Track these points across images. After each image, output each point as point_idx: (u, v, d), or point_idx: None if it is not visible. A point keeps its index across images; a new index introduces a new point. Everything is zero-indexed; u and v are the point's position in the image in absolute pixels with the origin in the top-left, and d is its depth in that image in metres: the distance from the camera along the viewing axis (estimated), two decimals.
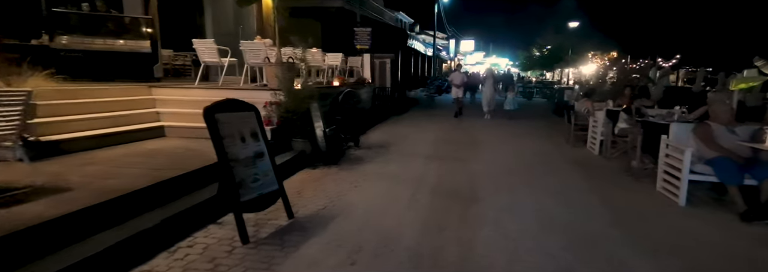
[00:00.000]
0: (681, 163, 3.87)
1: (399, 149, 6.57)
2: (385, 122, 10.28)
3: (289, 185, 4.25)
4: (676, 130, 4.31)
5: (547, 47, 28.87)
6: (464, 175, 4.93)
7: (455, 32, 40.91)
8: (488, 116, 11.07)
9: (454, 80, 11.92)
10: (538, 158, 6.14)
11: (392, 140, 7.43)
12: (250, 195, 2.96)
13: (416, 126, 9.57)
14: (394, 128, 9.24)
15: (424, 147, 6.80)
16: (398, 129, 9.11)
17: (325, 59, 9.03)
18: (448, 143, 7.32)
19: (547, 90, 21.22)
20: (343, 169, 5.08)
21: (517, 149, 6.82)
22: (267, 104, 5.19)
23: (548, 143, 7.49)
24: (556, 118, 11.91)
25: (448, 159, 5.85)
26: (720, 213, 3.62)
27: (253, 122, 3.27)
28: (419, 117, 11.64)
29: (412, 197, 3.98)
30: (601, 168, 5.44)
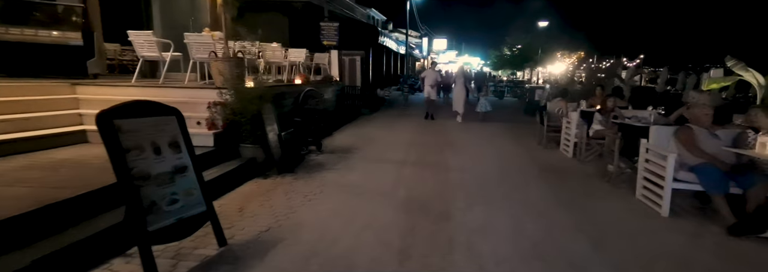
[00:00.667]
0: (663, 170, 3.58)
1: (365, 154, 6.06)
2: (353, 123, 9.74)
3: (230, 200, 3.66)
4: (656, 133, 4.04)
5: (518, 47, 29.20)
6: (433, 185, 4.48)
7: (428, 31, 40.77)
8: (460, 118, 10.14)
9: (427, 78, 10.77)
10: (512, 163, 5.79)
11: (359, 143, 6.91)
12: (165, 221, 2.37)
13: (386, 127, 9.10)
14: (363, 130, 8.72)
15: (393, 151, 6.33)
16: (367, 130, 8.60)
17: (288, 55, 8.39)
18: (418, 146, 6.88)
19: (518, 89, 21.34)
20: (299, 178, 4.52)
21: (490, 153, 6.47)
22: (211, 105, 4.54)
23: (521, 145, 7.20)
24: (528, 118, 11.77)
25: (416, 165, 5.39)
26: (707, 225, 3.34)
27: (174, 129, 2.66)
28: (390, 117, 11.17)
29: (374, 214, 3.48)
30: (577, 174, 5.14)
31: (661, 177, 3.63)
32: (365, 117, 11.07)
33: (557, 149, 6.78)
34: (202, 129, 4.45)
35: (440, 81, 11.44)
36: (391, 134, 8.16)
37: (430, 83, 10.52)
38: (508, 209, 3.70)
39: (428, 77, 10.74)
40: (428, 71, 11.08)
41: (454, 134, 8.33)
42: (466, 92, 10.25)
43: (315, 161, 5.40)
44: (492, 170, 5.27)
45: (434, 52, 42.60)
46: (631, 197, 4.09)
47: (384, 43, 18.91)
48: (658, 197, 3.67)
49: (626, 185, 4.47)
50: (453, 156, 6.08)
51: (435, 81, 10.58)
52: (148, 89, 5.23)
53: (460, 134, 8.35)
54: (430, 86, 10.52)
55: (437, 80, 10.71)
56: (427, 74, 10.96)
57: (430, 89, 10.55)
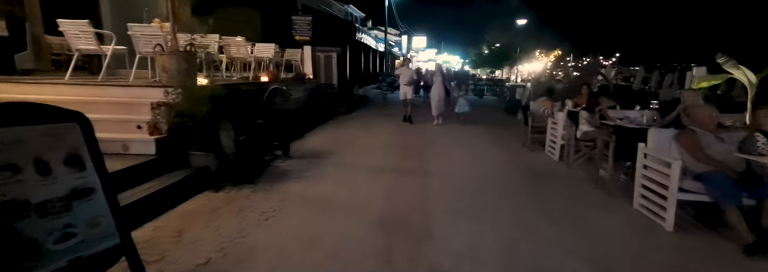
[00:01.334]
0: (666, 178, 3.21)
1: (338, 159, 5.52)
2: (329, 123, 9.16)
3: (168, 221, 3.05)
4: (655, 137, 3.67)
5: (496, 45, 29.19)
6: (413, 195, 3.99)
7: (408, 29, 40.39)
8: (438, 120, 9.17)
9: (402, 77, 9.54)
10: (497, 168, 5.37)
11: (333, 147, 6.35)
12: (50, 266, 1.77)
13: (363, 128, 8.56)
14: (338, 131, 8.16)
15: (369, 156, 5.81)
16: (343, 132, 8.04)
17: (254, 51, 7.73)
18: (396, 149, 6.38)
19: (498, 88, 21.21)
20: (258, 190, 3.93)
21: (473, 157, 6.04)
22: (154, 106, 3.90)
23: (505, 147, 6.81)
24: (508, 117, 11.48)
25: (394, 172, 4.89)
26: (719, 243, 2.97)
27: (76, 140, 2.05)
28: (368, 117, 10.64)
29: (344, 233, 2.96)
30: (567, 180, 4.76)
31: (663, 186, 3.26)
32: (342, 117, 10.50)
33: (542, 151, 6.42)
34: (143, 134, 3.81)
35: (417, 79, 10.09)
36: (368, 135, 7.63)
37: (405, 81, 9.41)
38: (496, 224, 3.25)
39: (403, 75, 9.53)
40: (402, 69, 9.85)
41: (434, 135, 7.88)
42: (445, 92, 9.42)
43: (280, 169, 4.81)
44: (476, 176, 4.83)
45: (414, 50, 42.27)
46: (628, 207, 3.71)
47: (362, 40, 18.34)
48: (659, 208, 3.30)
49: (621, 192, 4.11)
50: (433, 161, 5.61)
51: (411, 79, 9.39)
52: (83, 87, 4.52)
53: (440, 135, 7.90)
54: (405, 85, 9.42)
55: (413, 78, 9.48)
56: (401, 72, 9.74)
57: (407, 88, 9.43)
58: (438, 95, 9.25)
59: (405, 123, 9.37)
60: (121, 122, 3.91)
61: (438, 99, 9.26)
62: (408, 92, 9.46)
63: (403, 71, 9.68)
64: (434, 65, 10.26)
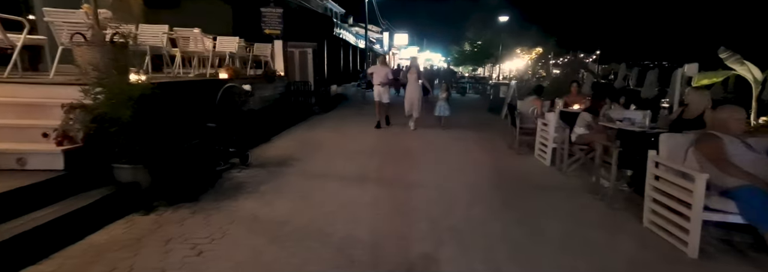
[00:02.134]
0: (687, 194, 2.68)
1: (305, 167, 4.84)
2: (301, 124, 8.44)
3: (61, 263, 2.32)
4: (668, 143, 3.15)
5: (478, 43, 28.89)
6: (389, 214, 3.37)
7: (389, 25, 39.72)
8: (412, 124, 7.81)
9: (375, 75, 7.90)
10: (484, 176, 4.79)
11: (301, 152, 5.67)
12: None
13: (338, 129, 7.89)
14: (311, 133, 7.46)
15: (340, 163, 5.15)
16: (315, 134, 7.35)
17: (216, 45, 6.94)
18: (372, 155, 5.74)
19: (480, 85, 20.85)
20: (199, 211, 3.23)
21: (457, 163, 5.46)
22: (66, 109, 3.14)
23: (491, 151, 6.26)
24: (492, 116, 11.02)
25: (367, 184, 4.25)
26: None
27: None
28: (345, 117, 9.96)
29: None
30: (563, 190, 4.23)
31: (682, 203, 2.73)
32: (317, 117, 9.80)
33: (531, 154, 5.91)
34: (49, 144, 3.04)
35: (394, 78, 8.35)
36: (342, 138, 6.97)
37: (379, 80, 7.81)
38: (489, 252, 2.66)
39: (377, 73, 7.91)
40: (376, 67, 8.17)
41: (414, 137, 7.27)
42: (422, 91, 8.09)
43: (234, 181, 4.11)
44: (460, 186, 4.24)
45: (396, 47, 41.67)
46: (637, 225, 3.19)
47: (341, 36, 17.59)
48: (678, 229, 2.78)
49: (625, 205, 3.60)
50: (412, 168, 5.00)
51: (386, 79, 7.81)
52: None
53: (421, 137, 7.30)
54: (379, 84, 7.85)
55: (389, 77, 7.88)
56: (375, 70, 8.07)
57: (381, 89, 7.87)
58: (412, 95, 7.86)
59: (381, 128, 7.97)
60: (18, 129, 3.13)
61: (411, 100, 7.83)
62: (382, 93, 7.92)
63: (377, 69, 8.07)
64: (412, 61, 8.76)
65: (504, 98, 11.20)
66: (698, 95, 4.12)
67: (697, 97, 4.11)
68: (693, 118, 4.13)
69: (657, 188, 3.09)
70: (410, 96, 7.89)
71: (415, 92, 7.88)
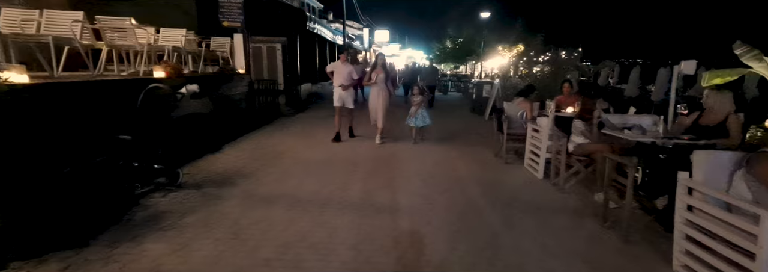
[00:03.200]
0: (745, 238, 1.97)
1: (252, 187, 3.97)
2: (266, 128, 7.53)
3: None
4: (707, 163, 2.44)
5: (460, 40, 28.27)
6: (348, 261, 2.55)
7: (370, 22, 38.75)
8: (378, 137, 6.29)
9: (335, 75, 6.17)
10: (468, 194, 4.03)
11: (254, 164, 4.79)
12: None
13: (306, 134, 7.00)
14: (273, 139, 6.56)
15: (299, 179, 4.29)
16: (278, 140, 6.45)
17: (159, 38, 5.95)
18: (339, 167, 4.90)
19: (462, 84, 20.27)
20: (77, 266, 2.33)
21: (436, 176, 4.68)
22: None
23: (475, 160, 5.52)
24: (476, 116, 10.34)
25: (327, 209, 3.42)
26: None
27: None
28: (317, 119, 9.07)
29: None
30: (562, 214, 3.50)
31: (735, 247, 2.02)
32: (285, 119, 8.89)
33: (520, 163, 5.20)
34: None
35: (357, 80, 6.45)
36: (308, 145, 6.09)
37: (340, 81, 6.06)
38: None
39: (338, 72, 6.13)
40: (336, 64, 6.35)
41: (391, 141, 6.47)
42: (387, 94, 6.24)
43: (152, 210, 3.20)
44: (440, 211, 3.46)
45: (377, 44, 40.77)
46: (667, 270, 2.48)
47: (316, 31, 16.59)
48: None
49: (645, 238, 2.89)
50: (384, 184, 4.20)
51: (349, 79, 6.08)
52: None
53: (397, 143, 6.50)
54: (339, 86, 6.07)
55: (353, 77, 6.14)
56: (335, 68, 6.24)
57: (343, 92, 6.09)
58: (376, 100, 6.15)
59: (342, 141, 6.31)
60: None
61: (374, 106, 6.18)
62: (344, 97, 6.13)
63: (338, 67, 6.22)
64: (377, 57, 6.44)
65: (487, 98, 10.54)
66: (721, 97, 3.46)
67: (719, 99, 3.45)
68: (714, 125, 3.48)
69: (690, 221, 2.38)
70: (373, 101, 6.16)
71: (379, 97, 6.13)
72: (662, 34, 19.57)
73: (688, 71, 6.16)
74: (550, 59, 11.23)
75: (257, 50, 11.25)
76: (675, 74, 6.60)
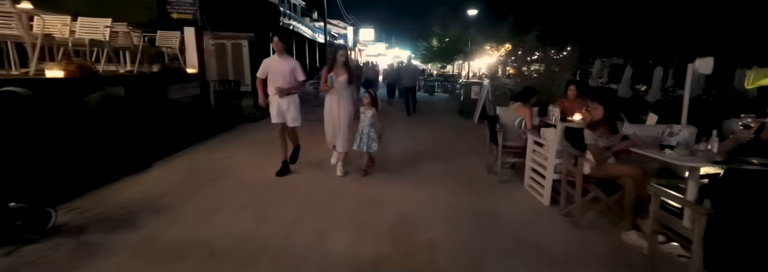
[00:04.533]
0: None
1: (161, 227, 2.89)
2: (220, 137, 6.43)
3: None
4: None
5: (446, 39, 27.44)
6: None
7: (355, 20, 37.64)
8: (340, 166, 4.41)
9: (271, 76, 4.15)
10: (457, 237, 3.03)
11: (180, 189, 3.72)
12: None
13: (262, 144, 5.87)
14: (220, 151, 5.47)
15: (232, 214, 3.23)
16: (226, 153, 5.36)
17: (76, 29, 4.80)
18: (291, 191, 3.85)
19: (449, 84, 19.42)
20: None
21: (417, 206, 3.66)
22: None
23: (464, 178, 4.55)
24: (464, 120, 9.41)
25: (257, 268, 2.37)
26: None
27: None
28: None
29: None
30: (584, 264, 2.53)
31: None
32: (248, 126, 7.78)
33: (519, 182, 4.25)
34: None
35: (298, 86, 4.28)
36: (261, 160, 5.01)
37: (276, 84, 4.11)
38: None
39: (273, 71, 4.13)
40: (272, 59, 4.22)
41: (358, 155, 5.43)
42: (352, 105, 4.38)
43: None
44: (421, 266, 2.46)
45: (362, 43, 39.70)
46: None
47: (293, 28, 15.45)
48: None
49: None
50: (347, 218, 3.17)
51: (291, 81, 4.16)
52: None
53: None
54: (276, 94, 4.11)
55: (298, 79, 4.21)
56: (269, 66, 4.17)
57: (282, 101, 4.16)
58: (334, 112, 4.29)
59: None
60: None
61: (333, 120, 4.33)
62: (284, 109, 4.18)
63: (273, 63, 4.15)
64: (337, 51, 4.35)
65: (476, 100, 9.62)
66: None
67: None
68: None
69: None
70: (331, 114, 4.28)
71: (341, 108, 4.23)
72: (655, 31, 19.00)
73: (704, 70, 5.24)
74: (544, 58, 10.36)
75: (220, 47, 10.12)
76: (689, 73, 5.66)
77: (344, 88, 4.28)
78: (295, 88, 4.21)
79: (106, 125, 4.11)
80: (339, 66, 4.22)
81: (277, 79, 4.10)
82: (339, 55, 4.23)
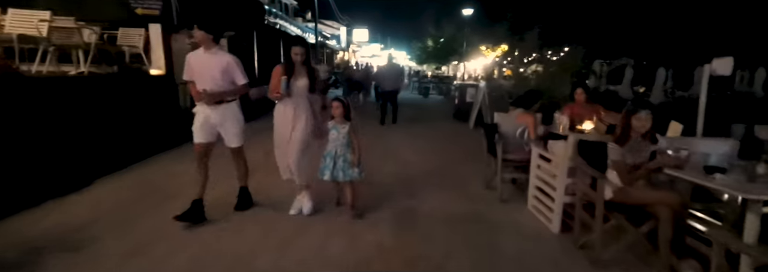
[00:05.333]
0: None
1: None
2: (185, 146, 5.73)
3: None
4: None
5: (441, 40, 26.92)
6: None
7: (349, 20, 36.99)
8: (306, 204, 3.29)
9: (199, 75, 3.03)
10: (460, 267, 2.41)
11: (117, 216, 3.09)
12: None
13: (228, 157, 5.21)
14: (182, 164, 4.77)
15: (171, 245, 2.59)
16: (187, 165, 4.67)
17: (5, 23, 4.14)
18: (242, 223, 3.22)
19: (444, 85, 18.89)
20: None
21: (402, 229, 3.04)
22: None
23: (459, 195, 3.94)
24: (459, 124, 8.82)
25: None
26: None
27: None
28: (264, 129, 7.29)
29: None
30: None
31: None
32: None
33: (521, 201, 3.65)
34: None
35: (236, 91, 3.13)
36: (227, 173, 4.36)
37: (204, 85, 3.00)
38: None
39: (200, 70, 3.05)
40: (195, 56, 3.10)
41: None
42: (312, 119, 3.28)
43: None
44: None
45: (355, 44, 39.06)
46: None
47: (279, 27, 14.79)
48: None
49: None
50: (314, 245, 2.54)
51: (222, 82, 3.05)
52: None
53: None
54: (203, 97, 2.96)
55: (237, 80, 3.10)
56: (193, 64, 3.08)
57: (210, 111, 3.04)
58: (285, 130, 3.24)
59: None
60: None
61: (282, 140, 3.27)
62: (218, 121, 3.10)
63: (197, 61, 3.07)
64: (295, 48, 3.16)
65: (471, 103, 9.03)
66: None
67: None
68: None
69: None
70: (283, 129, 3.23)
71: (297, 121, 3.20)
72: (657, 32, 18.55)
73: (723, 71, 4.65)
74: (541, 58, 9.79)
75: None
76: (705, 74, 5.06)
77: (303, 96, 3.21)
78: (230, 93, 3.07)
79: (30, 137, 3.44)
80: (298, 68, 3.17)
81: (204, 81, 2.99)
82: (293, 54, 3.13)
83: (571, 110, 4.10)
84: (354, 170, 3.13)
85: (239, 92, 3.15)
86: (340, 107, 3.10)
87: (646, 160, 2.54)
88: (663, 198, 2.34)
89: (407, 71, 32.42)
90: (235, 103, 3.15)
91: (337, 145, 3.13)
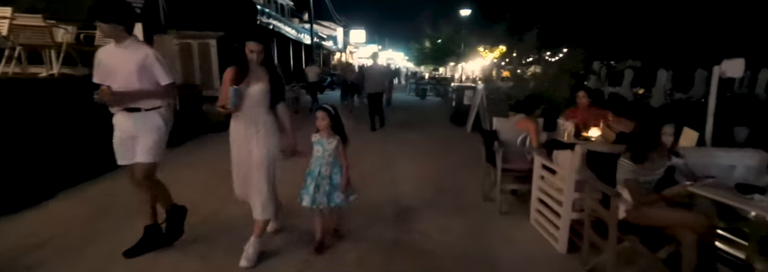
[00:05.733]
0: None
1: None
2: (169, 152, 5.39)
3: None
4: None
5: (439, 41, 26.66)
6: None
7: (346, 21, 36.71)
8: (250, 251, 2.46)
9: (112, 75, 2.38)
10: None
11: (76, 232, 2.83)
12: None
13: (211, 166, 4.88)
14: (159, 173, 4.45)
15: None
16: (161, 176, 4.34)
17: None
18: (210, 242, 2.90)
19: (441, 87, 18.62)
20: None
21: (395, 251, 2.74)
22: None
23: (456, 207, 3.63)
24: (456, 128, 8.51)
25: None
26: None
27: None
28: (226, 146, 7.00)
29: None
30: None
31: None
32: (212, 137, 6.82)
33: (523, 214, 3.35)
34: None
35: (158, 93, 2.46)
36: (206, 186, 4.04)
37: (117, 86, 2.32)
38: None
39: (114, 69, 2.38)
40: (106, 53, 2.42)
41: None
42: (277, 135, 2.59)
43: None
44: None
45: (353, 45, 38.79)
46: None
47: (272, 27, 14.48)
48: None
49: None
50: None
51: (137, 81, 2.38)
52: None
53: None
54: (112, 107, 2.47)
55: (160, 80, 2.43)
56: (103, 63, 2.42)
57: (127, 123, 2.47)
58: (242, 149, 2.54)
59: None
60: None
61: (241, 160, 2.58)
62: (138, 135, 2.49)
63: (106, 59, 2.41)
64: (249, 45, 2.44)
65: (469, 105, 8.74)
66: None
67: None
68: None
69: None
70: (238, 148, 2.56)
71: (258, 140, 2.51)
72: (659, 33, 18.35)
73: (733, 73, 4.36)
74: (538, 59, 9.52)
75: (186, 48, 9.10)
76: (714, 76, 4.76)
77: (263, 106, 2.49)
78: (147, 94, 2.38)
79: None
80: (253, 69, 2.46)
81: (116, 81, 2.32)
82: (248, 51, 2.42)
83: (575, 114, 3.81)
84: (338, 196, 2.56)
85: (162, 96, 2.43)
86: (326, 118, 2.52)
87: (660, 177, 2.24)
88: (685, 220, 2.04)
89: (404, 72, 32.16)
90: (157, 112, 2.43)
91: (321, 164, 2.55)
